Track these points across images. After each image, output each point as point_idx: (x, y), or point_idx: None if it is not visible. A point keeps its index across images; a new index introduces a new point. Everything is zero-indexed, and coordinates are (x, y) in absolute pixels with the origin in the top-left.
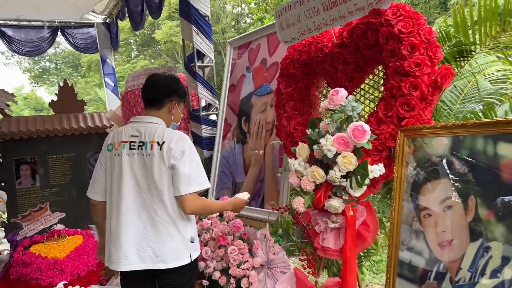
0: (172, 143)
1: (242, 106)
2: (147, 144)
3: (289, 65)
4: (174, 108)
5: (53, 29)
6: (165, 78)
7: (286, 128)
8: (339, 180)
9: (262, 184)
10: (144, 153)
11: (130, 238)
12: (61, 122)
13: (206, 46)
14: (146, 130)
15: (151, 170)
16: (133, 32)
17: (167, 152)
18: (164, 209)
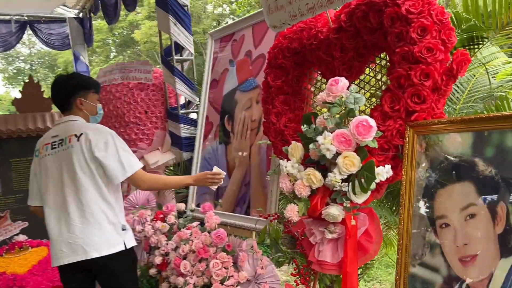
0: (90, 134)
1: (225, 103)
2: (66, 139)
3: (278, 54)
4: (83, 104)
5: (21, 23)
6: (61, 78)
7: (276, 126)
8: (339, 184)
9: (248, 189)
10: (64, 148)
11: (62, 232)
12: (26, 122)
13: (185, 38)
14: (65, 128)
15: (71, 162)
16: (112, 32)
17: (86, 142)
18: (90, 198)
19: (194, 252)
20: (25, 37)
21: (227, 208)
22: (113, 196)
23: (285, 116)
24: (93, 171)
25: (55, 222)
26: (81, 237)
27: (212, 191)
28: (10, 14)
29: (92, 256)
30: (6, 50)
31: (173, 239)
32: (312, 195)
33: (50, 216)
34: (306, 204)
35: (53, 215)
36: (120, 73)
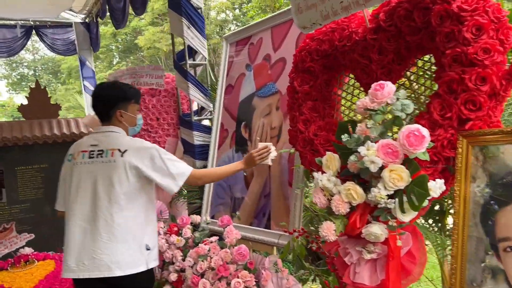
0: (136, 152)
1: (241, 110)
2: (107, 152)
3: (306, 57)
4: (123, 116)
5: (26, 28)
6: (103, 89)
7: (304, 134)
8: (385, 201)
9: (268, 201)
10: (104, 160)
11: (86, 246)
12: (32, 129)
13: (198, 42)
14: (105, 139)
15: (110, 176)
16: (115, 38)
17: (131, 160)
18: (121, 215)
19: (213, 269)
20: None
21: (245, 221)
22: (146, 216)
23: (314, 123)
24: (132, 189)
25: (80, 233)
26: (107, 253)
27: (227, 203)
28: (16, 19)
29: (115, 275)
30: (11, 55)
31: (190, 254)
32: (351, 212)
33: (74, 226)
34: (343, 221)
35: (78, 225)
36: (130, 78)
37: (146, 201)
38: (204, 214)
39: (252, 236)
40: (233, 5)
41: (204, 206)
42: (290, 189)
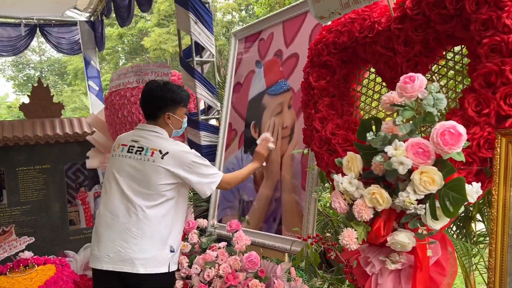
0: (176, 155)
1: (250, 108)
2: (147, 150)
3: (323, 50)
4: (170, 119)
5: (31, 27)
6: (155, 89)
7: (320, 133)
8: (414, 206)
9: (279, 205)
10: (143, 158)
11: (113, 237)
12: (34, 128)
13: (206, 37)
14: (148, 137)
15: (146, 174)
16: (121, 40)
17: (170, 163)
18: (154, 215)
19: (222, 277)
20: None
21: (254, 226)
22: (175, 216)
23: (331, 122)
24: (166, 189)
25: (108, 225)
26: (134, 249)
27: (235, 206)
28: (20, 17)
29: (138, 271)
30: (15, 54)
31: (196, 261)
32: (374, 218)
33: (104, 216)
34: (366, 228)
35: (109, 216)
36: (135, 76)
37: (177, 202)
38: (211, 218)
39: (262, 241)
40: (239, 7)
41: (211, 210)
42: (303, 192)
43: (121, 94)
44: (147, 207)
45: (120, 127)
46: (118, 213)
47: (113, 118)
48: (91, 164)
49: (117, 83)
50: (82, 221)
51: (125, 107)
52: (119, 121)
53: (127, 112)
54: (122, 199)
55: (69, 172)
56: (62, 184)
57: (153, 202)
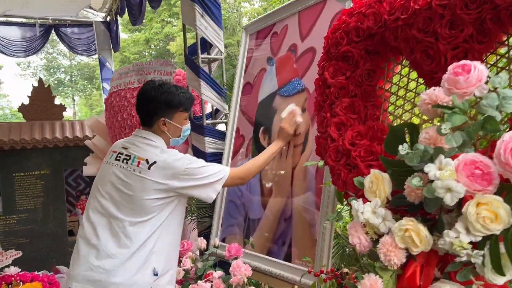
0: (164, 165)
1: (260, 112)
2: (134, 159)
3: (342, 39)
4: (166, 126)
5: (46, 27)
6: (149, 90)
7: (337, 143)
8: (468, 252)
9: (289, 225)
10: (129, 168)
11: (88, 254)
12: (32, 131)
13: (213, 33)
14: (139, 144)
15: (129, 186)
16: (148, 44)
17: (158, 174)
18: (135, 231)
19: None
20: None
21: (260, 249)
22: (165, 236)
23: (351, 128)
24: (155, 206)
25: (88, 238)
26: (107, 269)
27: (241, 223)
28: (35, 17)
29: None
30: (30, 55)
31: None
32: (407, 261)
33: (84, 228)
34: (395, 275)
35: (88, 229)
36: (137, 76)
37: (170, 219)
38: (214, 237)
39: (268, 269)
40: (265, 11)
41: (214, 227)
42: (317, 213)
43: (121, 95)
44: (131, 223)
45: (120, 131)
46: (97, 226)
47: (112, 121)
48: (88, 171)
49: (118, 83)
50: None
51: (125, 109)
52: (118, 125)
53: (127, 115)
54: (103, 211)
55: (69, 178)
56: (61, 191)
57: (138, 218)
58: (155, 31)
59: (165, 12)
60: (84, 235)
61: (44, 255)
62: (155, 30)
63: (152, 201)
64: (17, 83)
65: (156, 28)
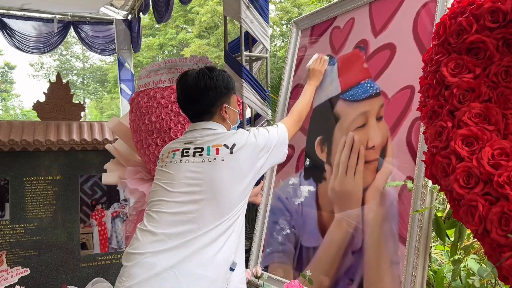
0: (246, 144)
1: (315, 119)
2: (209, 148)
3: (469, 26)
4: (227, 112)
5: (64, 24)
6: (201, 78)
7: (468, 163)
8: None
9: (359, 260)
10: (206, 159)
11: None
12: (47, 132)
13: (259, 27)
14: (204, 135)
15: (216, 178)
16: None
17: (245, 155)
18: (218, 232)
19: None
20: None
21: (317, 284)
22: (242, 232)
23: (490, 144)
24: (239, 196)
25: (154, 260)
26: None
27: (289, 251)
28: (53, 13)
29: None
30: (46, 52)
31: None
32: None
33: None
34: None
35: (156, 240)
36: (168, 74)
37: (243, 212)
38: (254, 264)
39: None
40: (280, 20)
41: (254, 252)
42: (402, 247)
43: (150, 95)
44: (215, 225)
45: (146, 136)
46: (171, 239)
47: (138, 124)
48: (107, 179)
49: (146, 82)
50: (96, 245)
51: (153, 111)
52: (145, 128)
53: (156, 118)
54: (177, 216)
55: (84, 185)
56: (75, 199)
57: (221, 217)
58: (169, 36)
59: (180, 18)
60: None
61: (53, 269)
62: (169, 36)
63: (239, 191)
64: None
65: (171, 34)
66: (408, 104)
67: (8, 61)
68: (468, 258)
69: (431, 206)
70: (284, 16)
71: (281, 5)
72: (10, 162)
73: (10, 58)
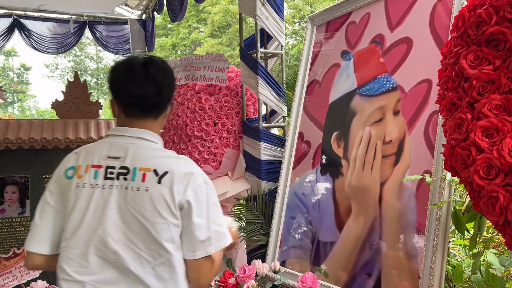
0: (180, 175)
1: (332, 114)
2: (135, 172)
3: (489, 17)
4: (170, 110)
5: (80, 24)
6: (164, 65)
7: (488, 154)
8: None
9: (377, 254)
10: (129, 186)
11: None
12: (66, 130)
13: (275, 24)
14: (134, 149)
15: (140, 214)
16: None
17: (171, 189)
18: (160, 278)
19: None
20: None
21: (334, 279)
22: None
23: (511, 135)
24: (174, 233)
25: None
26: None
27: (306, 246)
28: (69, 13)
29: None
30: (62, 52)
31: None
32: None
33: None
34: None
35: None
36: (184, 72)
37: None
38: (271, 259)
39: None
40: (293, 19)
41: (271, 247)
42: (420, 241)
43: None
44: (145, 270)
45: (163, 133)
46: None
47: None
48: None
49: None
50: None
51: None
52: None
53: (172, 115)
54: (100, 260)
55: None
56: None
57: (153, 261)
58: (182, 36)
59: (193, 18)
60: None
61: None
62: (182, 36)
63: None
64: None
65: (183, 34)
66: (426, 98)
67: (24, 63)
68: (487, 252)
69: (450, 200)
70: (297, 14)
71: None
72: (30, 160)
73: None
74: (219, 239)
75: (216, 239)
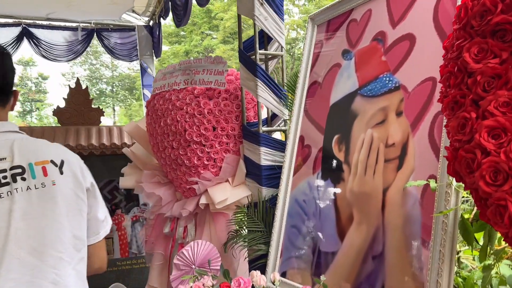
0: (73, 161)
1: (333, 116)
2: (32, 168)
3: (494, 6)
4: (13, 100)
5: (88, 31)
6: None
7: (495, 157)
8: None
9: (380, 265)
10: (32, 186)
11: None
12: (66, 137)
13: (274, 24)
14: (17, 144)
15: (53, 211)
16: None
17: (74, 177)
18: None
19: None
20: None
21: None
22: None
23: None
24: (78, 229)
25: None
26: None
27: (307, 256)
28: (77, 21)
29: None
30: (71, 59)
31: None
32: None
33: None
34: None
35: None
36: (183, 76)
37: None
38: (271, 270)
39: None
40: (304, 23)
41: (271, 257)
42: (426, 252)
43: (166, 98)
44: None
45: (162, 139)
46: None
47: (154, 126)
48: (124, 183)
49: (162, 84)
50: (116, 250)
51: (169, 114)
52: (161, 131)
53: (171, 120)
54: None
55: (104, 190)
56: None
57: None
58: (194, 43)
59: (205, 25)
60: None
61: None
62: (194, 43)
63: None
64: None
65: (196, 41)
66: (430, 97)
67: (41, 72)
68: (500, 264)
69: (457, 207)
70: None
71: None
72: None
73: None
74: None
75: (108, 216)
